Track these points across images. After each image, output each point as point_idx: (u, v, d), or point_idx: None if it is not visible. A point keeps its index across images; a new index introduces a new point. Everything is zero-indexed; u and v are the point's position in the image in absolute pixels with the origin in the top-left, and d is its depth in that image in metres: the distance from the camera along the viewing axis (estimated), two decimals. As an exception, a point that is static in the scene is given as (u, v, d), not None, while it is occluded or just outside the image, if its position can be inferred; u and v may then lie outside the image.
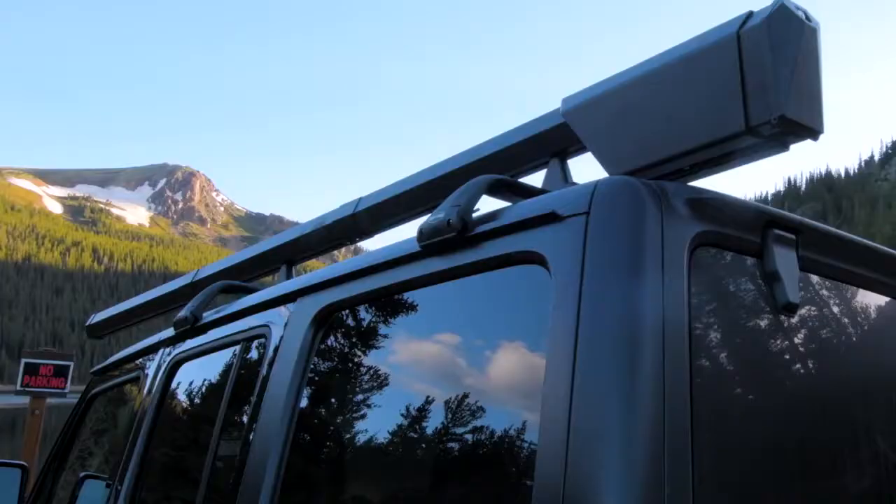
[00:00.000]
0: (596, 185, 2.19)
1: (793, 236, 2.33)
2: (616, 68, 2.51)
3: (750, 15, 2.19)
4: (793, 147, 2.26)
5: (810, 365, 2.41)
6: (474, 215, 2.48)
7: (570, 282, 2.06)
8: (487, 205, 2.57)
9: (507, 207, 2.49)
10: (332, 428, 3.00)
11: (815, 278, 2.49)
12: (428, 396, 2.52)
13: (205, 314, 4.22)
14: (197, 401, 4.29)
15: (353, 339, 3.04)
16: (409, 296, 2.75)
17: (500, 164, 3.20)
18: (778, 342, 2.31)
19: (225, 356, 3.92)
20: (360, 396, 2.85)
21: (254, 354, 3.61)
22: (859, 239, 2.69)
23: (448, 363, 2.56)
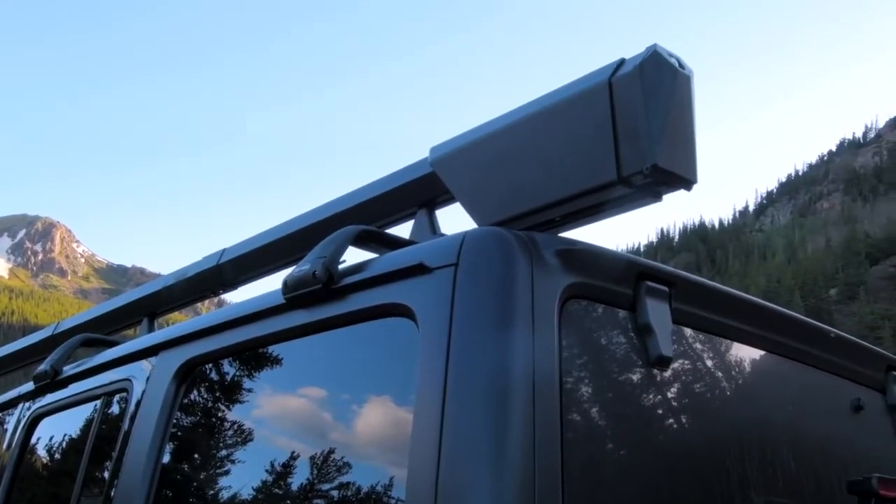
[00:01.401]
0: (464, 236, 2.16)
1: (666, 288, 2.32)
2: (488, 116, 2.49)
3: (622, 62, 2.17)
4: (666, 197, 2.24)
5: (683, 419, 2.39)
6: (340, 267, 2.44)
7: (438, 335, 2.01)
8: (354, 256, 2.54)
9: (374, 259, 2.45)
10: (195, 484, 2.92)
11: (688, 331, 2.48)
12: (293, 452, 2.46)
13: (65, 368, 4.10)
14: (57, 456, 4.17)
15: (217, 394, 2.97)
16: (274, 349, 2.69)
17: (366, 215, 3.15)
18: (651, 396, 2.28)
19: (86, 411, 3.81)
20: (225, 452, 2.78)
21: (115, 409, 3.51)
22: (733, 291, 2.69)
23: (314, 418, 2.50)
